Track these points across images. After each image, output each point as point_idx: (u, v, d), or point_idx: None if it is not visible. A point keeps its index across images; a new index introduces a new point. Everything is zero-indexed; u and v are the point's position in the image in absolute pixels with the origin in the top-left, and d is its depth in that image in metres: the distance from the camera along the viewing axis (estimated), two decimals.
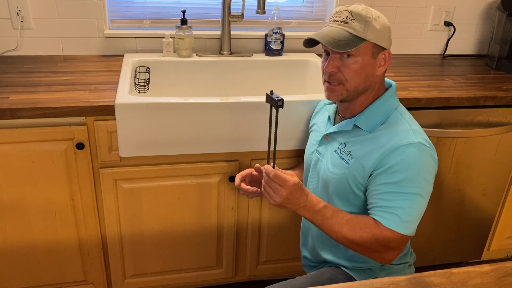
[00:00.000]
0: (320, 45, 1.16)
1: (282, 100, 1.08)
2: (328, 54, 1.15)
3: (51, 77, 1.58)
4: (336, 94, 1.15)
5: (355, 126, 1.17)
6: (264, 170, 1.13)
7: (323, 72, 1.17)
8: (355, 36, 1.09)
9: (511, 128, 1.70)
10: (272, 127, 1.14)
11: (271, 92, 1.11)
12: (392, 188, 1.07)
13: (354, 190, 1.16)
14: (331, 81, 1.15)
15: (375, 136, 1.13)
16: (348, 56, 1.11)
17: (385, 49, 1.13)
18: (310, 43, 1.18)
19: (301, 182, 1.14)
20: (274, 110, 1.11)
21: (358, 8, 1.11)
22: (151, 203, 1.53)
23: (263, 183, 1.14)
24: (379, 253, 1.10)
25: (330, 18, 1.15)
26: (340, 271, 1.25)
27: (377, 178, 1.10)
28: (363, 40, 1.09)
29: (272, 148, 1.17)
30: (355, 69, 1.11)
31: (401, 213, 1.07)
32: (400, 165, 1.07)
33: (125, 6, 1.88)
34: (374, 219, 1.10)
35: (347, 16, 1.10)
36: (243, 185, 1.32)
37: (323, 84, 1.18)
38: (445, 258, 1.96)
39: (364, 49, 1.10)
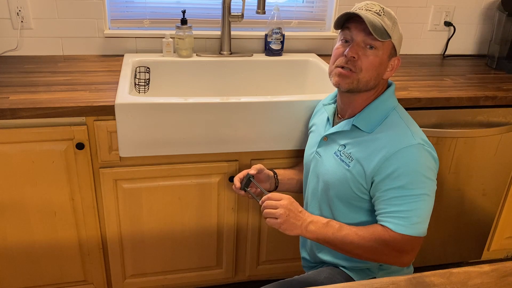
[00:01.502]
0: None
1: (252, 176, 1.32)
2: (347, 41, 1.14)
3: (51, 77, 1.58)
4: (348, 82, 1.13)
5: (354, 126, 1.17)
6: (260, 203, 1.20)
7: (338, 57, 1.14)
8: (385, 30, 1.09)
9: (511, 128, 1.70)
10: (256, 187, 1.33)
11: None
12: (398, 193, 1.08)
13: (356, 193, 1.16)
14: (347, 66, 1.12)
15: (374, 137, 1.13)
16: (371, 47, 1.10)
17: (396, 56, 1.15)
18: (340, 22, 1.14)
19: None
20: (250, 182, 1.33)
21: (387, 8, 1.13)
22: (151, 203, 1.53)
23: (262, 208, 1.18)
24: (395, 257, 1.11)
25: (361, 7, 1.12)
26: (338, 271, 1.25)
27: (381, 185, 1.10)
28: (389, 37, 1.10)
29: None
30: (373, 62, 1.11)
31: (410, 216, 1.07)
32: (402, 169, 1.07)
33: (125, 6, 1.88)
34: (381, 225, 1.10)
35: (379, 10, 1.11)
36: (243, 192, 1.35)
37: (332, 71, 1.16)
38: (445, 258, 1.96)
39: (387, 46, 1.12)
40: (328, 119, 1.28)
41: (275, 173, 1.42)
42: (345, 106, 1.22)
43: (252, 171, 1.32)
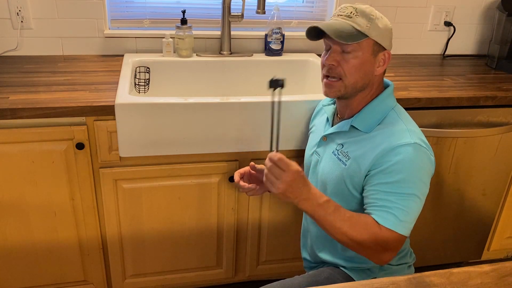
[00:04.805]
0: (320, 42, 1.16)
1: (283, 79, 1.07)
2: (328, 50, 1.16)
3: (51, 77, 1.58)
4: (334, 90, 1.15)
5: (352, 127, 1.17)
6: (268, 157, 1.08)
7: (323, 67, 1.17)
8: (358, 31, 1.09)
9: (511, 128, 1.70)
10: (275, 113, 1.12)
11: (273, 78, 1.10)
12: (389, 188, 1.07)
13: (351, 191, 1.16)
14: (330, 75, 1.14)
15: (371, 136, 1.14)
16: (349, 51, 1.11)
17: (385, 49, 1.14)
18: (312, 35, 1.17)
19: (303, 172, 1.10)
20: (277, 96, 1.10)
21: (363, 6, 1.12)
22: (151, 203, 1.53)
23: (266, 171, 1.08)
24: (377, 253, 1.10)
25: (335, 13, 1.15)
26: (338, 271, 1.25)
27: (373, 179, 1.10)
28: (365, 36, 1.09)
29: (275, 135, 1.13)
30: (354, 65, 1.11)
31: (399, 213, 1.06)
32: (397, 166, 1.07)
33: (125, 6, 1.88)
34: (374, 218, 1.09)
35: (351, 12, 1.11)
36: (241, 183, 1.31)
37: (322, 80, 1.18)
38: (445, 258, 1.96)
39: (365, 46, 1.11)
40: (327, 119, 1.28)
41: None
42: (342, 109, 1.23)
43: (254, 167, 1.29)
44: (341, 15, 1.12)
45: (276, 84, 1.08)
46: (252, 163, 1.30)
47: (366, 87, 1.15)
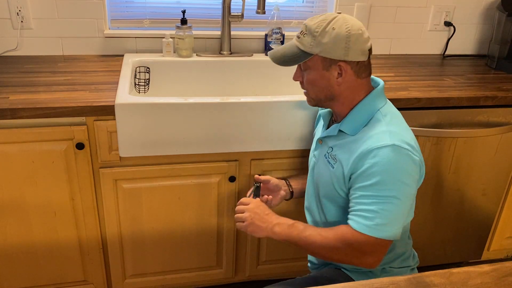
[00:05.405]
0: None
1: (258, 184, 1.37)
2: None
3: (51, 77, 1.58)
4: (307, 101, 1.23)
5: (340, 130, 1.18)
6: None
7: None
8: (302, 51, 1.12)
9: (511, 128, 1.70)
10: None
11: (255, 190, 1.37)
12: (367, 191, 1.07)
13: (339, 193, 1.18)
14: (302, 88, 1.22)
15: (355, 139, 1.14)
16: (304, 69, 1.16)
17: (339, 60, 1.10)
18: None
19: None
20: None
21: (313, 22, 1.11)
22: (151, 203, 1.53)
23: (235, 215, 1.25)
24: (356, 258, 1.10)
25: None
26: (340, 273, 1.25)
27: (353, 182, 1.11)
28: (310, 54, 1.11)
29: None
30: (309, 81, 1.16)
31: (374, 216, 1.06)
32: (374, 168, 1.06)
33: (125, 6, 1.88)
34: (347, 224, 1.10)
35: (301, 31, 1.14)
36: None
37: None
38: (445, 258, 1.96)
39: (314, 63, 1.13)
40: (323, 123, 1.30)
41: (287, 180, 1.45)
42: (334, 113, 1.24)
43: (259, 179, 1.39)
44: (296, 35, 1.16)
45: (257, 191, 1.35)
46: (256, 176, 1.37)
47: (332, 98, 1.16)
